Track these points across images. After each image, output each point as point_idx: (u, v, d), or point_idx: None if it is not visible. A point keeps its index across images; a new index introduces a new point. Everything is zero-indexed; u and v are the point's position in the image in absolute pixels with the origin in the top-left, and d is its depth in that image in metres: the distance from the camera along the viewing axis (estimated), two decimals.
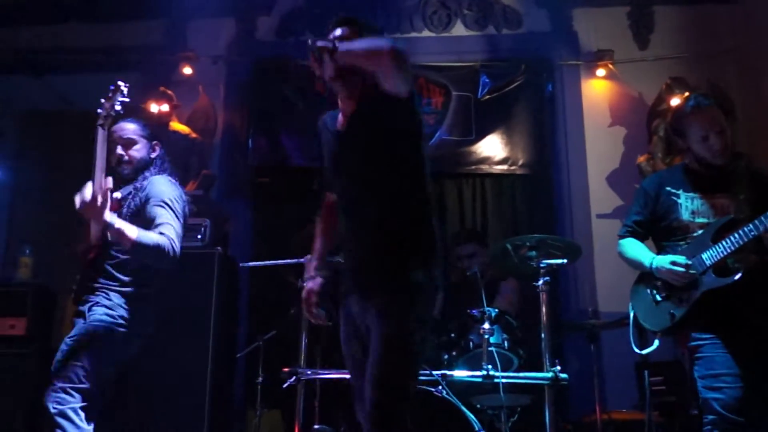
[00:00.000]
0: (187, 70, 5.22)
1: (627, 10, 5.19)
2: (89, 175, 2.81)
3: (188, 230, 3.79)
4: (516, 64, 5.20)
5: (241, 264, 4.26)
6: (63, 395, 2.59)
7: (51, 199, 5.59)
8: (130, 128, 3.06)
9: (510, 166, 5.12)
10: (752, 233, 2.66)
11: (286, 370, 3.29)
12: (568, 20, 5.20)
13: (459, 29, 5.32)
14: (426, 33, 5.33)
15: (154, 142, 3.11)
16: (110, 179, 2.70)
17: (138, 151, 3.04)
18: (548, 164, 5.14)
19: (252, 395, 4.08)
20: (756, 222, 2.65)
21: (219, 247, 3.95)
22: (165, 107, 4.95)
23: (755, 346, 2.70)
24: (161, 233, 2.76)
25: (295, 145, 5.19)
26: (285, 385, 3.29)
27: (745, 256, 2.76)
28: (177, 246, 2.79)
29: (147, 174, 3.02)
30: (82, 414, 2.60)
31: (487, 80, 5.14)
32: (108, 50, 5.39)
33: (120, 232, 2.67)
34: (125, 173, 3.02)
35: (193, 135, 5.07)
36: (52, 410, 2.55)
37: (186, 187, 4.71)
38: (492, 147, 5.13)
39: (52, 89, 5.38)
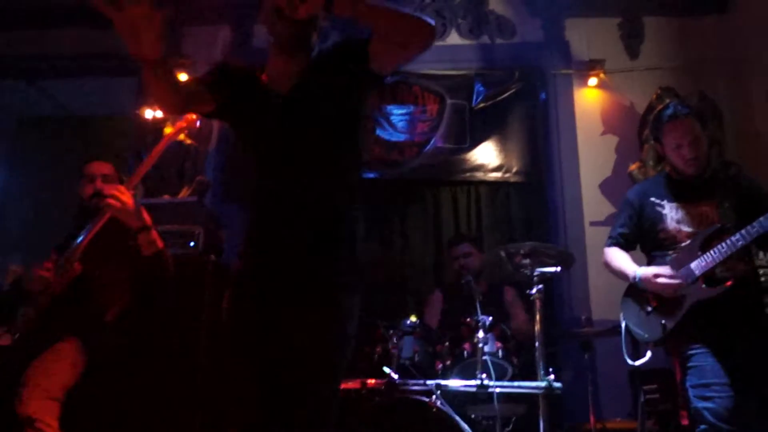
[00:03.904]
0: (183, 77, 5.21)
1: (618, 21, 5.21)
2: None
3: (181, 237, 3.79)
4: (510, 73, 5.22)
5: None
6: None
7: (43, 206, 5.56)
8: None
9: (504, 173, 5.15)
10: (740, 242, 2.69)
11: None
12: (560, 30, 5.23)
13: (454, 38, 5.34)
14: None
15: None
16: None
17: None
18: (542, 172, 5.16)
19: None
20: (743, 232, 2.69)
21: (212, 255, 3.94)
22: (159, 113, 4.94)
23: (744, 355, 2.73)
24: None
25: None
26: None
27: (733, 265, 2.80)
28: None
29: None
30: None
31: (481, 88, 5.16)
32: (104, 56, 5.34)
33: None
34: None
35: (188, 141, 5.05)
36: None
37: (180, 193, 4.73)
38: (486, 155, 5.16)
39: (48, 95, 5.36)
